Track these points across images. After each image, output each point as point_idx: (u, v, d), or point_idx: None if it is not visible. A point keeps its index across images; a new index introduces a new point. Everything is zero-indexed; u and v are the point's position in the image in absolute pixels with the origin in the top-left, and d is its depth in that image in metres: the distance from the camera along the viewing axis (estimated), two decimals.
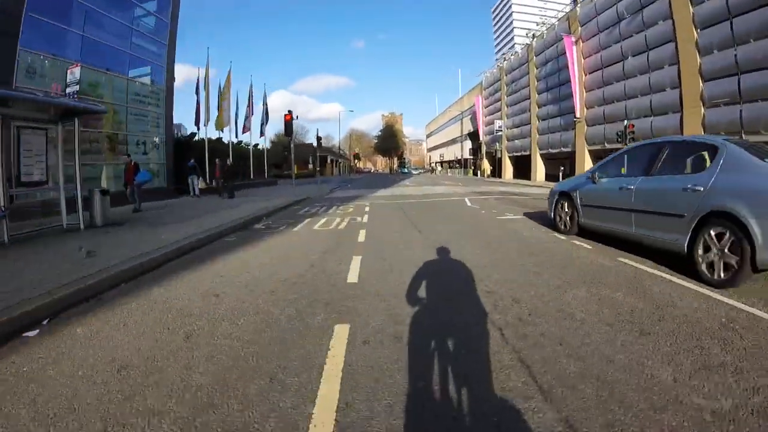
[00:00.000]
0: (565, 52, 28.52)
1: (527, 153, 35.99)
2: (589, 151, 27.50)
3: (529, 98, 35.25)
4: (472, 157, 55.19)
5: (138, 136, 16.68)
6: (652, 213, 5.30)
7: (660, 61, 21.12)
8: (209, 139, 23.54)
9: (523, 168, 41.62)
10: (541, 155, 34.19)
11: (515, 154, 38.89)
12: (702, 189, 4.51)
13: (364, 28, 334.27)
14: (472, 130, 52.36)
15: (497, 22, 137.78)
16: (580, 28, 27.60)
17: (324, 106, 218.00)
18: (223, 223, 8.76)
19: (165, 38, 18.57)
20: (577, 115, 27.74)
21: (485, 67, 48.30)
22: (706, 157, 4.80)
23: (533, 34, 35.65)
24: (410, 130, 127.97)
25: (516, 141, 38.20)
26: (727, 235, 4.15)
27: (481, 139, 48.07)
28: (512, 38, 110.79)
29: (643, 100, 22.16)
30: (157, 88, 17.94)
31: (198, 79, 24.31)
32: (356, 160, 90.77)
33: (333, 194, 19.71)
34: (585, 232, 6.97)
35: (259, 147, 31.18)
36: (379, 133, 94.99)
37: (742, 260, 3.93)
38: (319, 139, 24.26)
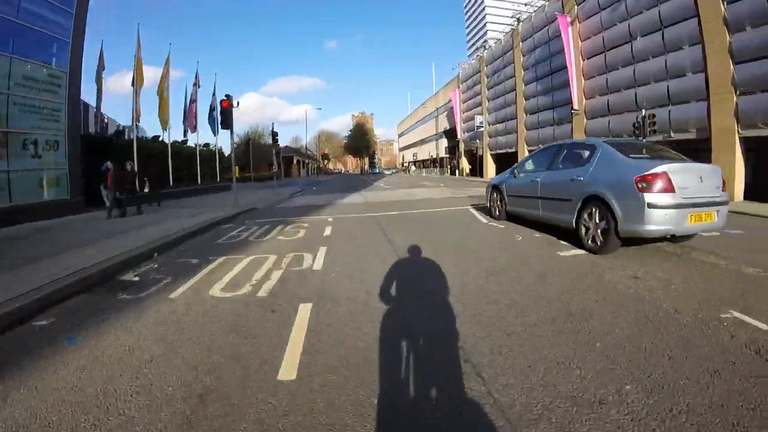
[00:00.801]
0: (558, 35, 25.10)
1: (513, 150, 32.47)
2: None
3: (515, 90, 31.73)
4: (448, 155, 51.58)
5: (27, 133, 11.82)
6: (551, 199, 6.71)
7: (678, 41, 17.73)
8: (141, 139, 18.64)
9: (507, 166, 38.16)
10: (530, 152, 30.68)
11: (498, 151, 35.38)
12: (583, 179, 5.92)
13: (337, 29, 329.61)
14: (448, 127, 48.72)
15: (469, 16, 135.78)
16: (576, 6, 24.13)
17: (295, 108, 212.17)
18: (60, 275, 4.67)
19: (72, 4, 13.60)
20: (575, 106, 24.30)
21: (459, 62, 44.92)
22: (588, 154, 6.20)
23: (518, 18, 32.22)
24: (381, 132, 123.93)
25: (500, 137, 34.65)
26: (599, 213, 5.52)
27: (458, 136, 44.44)
28: (485, 32, 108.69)
29: (658, 86, 18.74)
30: (57, 70, 12.94)
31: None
32: (325, 161, 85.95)
33: (289, 202, 15.64)
34: (512, 218, 8.36)
35: (210, 147, 26.22)
36: (349, 132, 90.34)
37: (609, 231, 5.33)
38: (275, 135, 19.70)
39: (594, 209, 5.55)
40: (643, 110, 16.77)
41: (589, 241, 5.62)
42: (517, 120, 31.44)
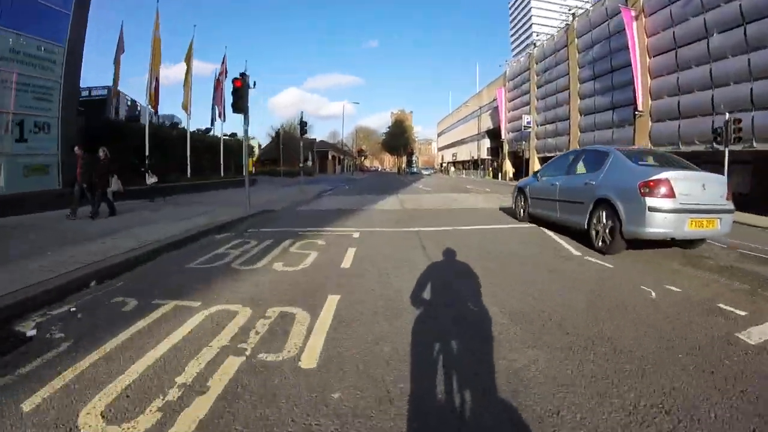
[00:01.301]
0: (620, 30, 22.94)
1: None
2: None
3: (568, 89, 29.57)
4: (490, 157, 49.62)
5: (12, 113, 10.32)
6: (567, 201, 7.14)
7: (763, 38, 15.64)
8: (153, 124, 17.99)
9: None
10: None
11: (546, 154, 33.32)
12: (594, 183, 6.37)
13: (377, 28, 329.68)
14: (492, 126, 46.69)
15: (514, 16, 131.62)
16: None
17: (334, 104, 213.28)
18: None
19: None
20: (639, 107, 22.23)
21: (506, 59, 43.03)
22: (601, 160, 6.60)
23: (573, 13, 30.19)
24: (419, 130, 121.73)
25: (548, 139, 32.56)
26: (606, 214, 5.92)
27: (503, 136, 42.47)
28: (531, 32, 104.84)
29: (740, 88, 16.45)
30: (53, 45, 11.27)
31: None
32: (362, 158, 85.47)
33: (314, 204, 13.96)
34: (534, 219, 8.71)
35: (239, 137, 25.77)
36: (387, 129, 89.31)
37: (615, 232, 5.69)
38: (303, 125, 18.55)
39: (602, 212, 6.00)
40: (726, 114, 14.82)
41: (600, 243, 6.03)
42: (569, 121, 29.33)
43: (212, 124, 21.46)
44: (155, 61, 16.15)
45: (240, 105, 10.40)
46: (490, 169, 47.63)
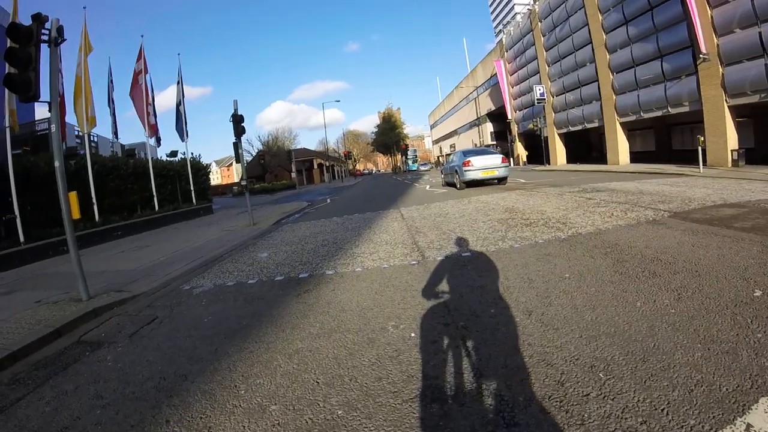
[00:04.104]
0: None
1: (596, 124, 24.26)
2: (733, 107, 15.93)
3: (590, 43, 23.39)
4: (494, 142, 43.53)
5: None
6: (449, 173, 18.19)
7: None
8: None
9: (582, 148, 29.97)
10: (623, 125, 22.51)
11: (571, 129, 27.24)
12: (454, 164, 16.92)
13: (354, 30, 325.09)
14: (493, 108, 40.53)
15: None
16: None
17: (321, 113, 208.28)
18: None
19: None
20: (703, 49, 16.20)
21: (504, 23, 36.78)
22: (456, 156, 17.80)
23: None
24: (411, 130, 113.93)
25: (572, 110, 26.36)
26: (458, 175, 16.05)
27: (509, 116, 36.40)
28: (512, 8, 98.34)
29: None
30: None
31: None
32: (349, 161, 79.10)
33: (237, 258, 7.45)
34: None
35: (182, 157, 19.61)
36: (376, 128, 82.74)
37: (459, 181, 16.02)
38: (237, 118, 12.13)
39: (456, 175, 16.13)
40: None
41: (458, 186, 16.07)
42: (598, 83, 23.20)
43: (116, 137, 15.27)
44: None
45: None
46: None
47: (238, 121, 11.69)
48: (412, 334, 3.10)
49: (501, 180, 15.71)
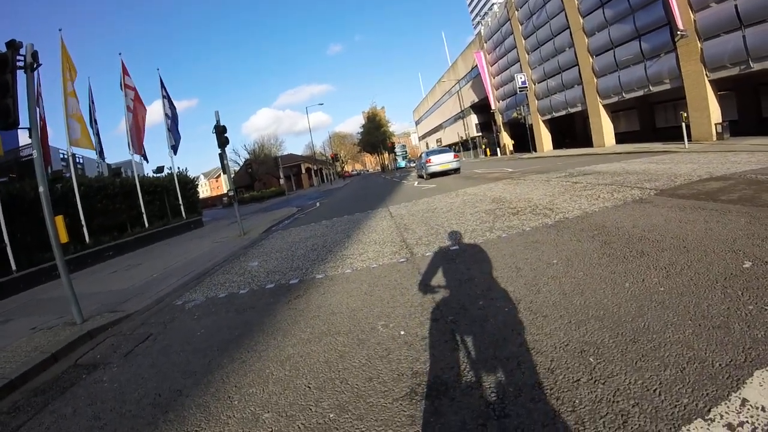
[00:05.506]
0: None
1: (580, 108, 24.41)
2: (714, 81, 16.07)
3: (568, 27, 23.53)
4: (480, 134, 43.68)
5: None
6: (420, 168, 24.45)
7: None
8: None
9: (568, 133, 30.08)
10: (606, 107, 22.69)
11: (555, 114, 27.36)
12: (422, 161, 22.78)
13: (336, 32, 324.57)
14: (476, 99, 40.65)
15: None
16: None
17: (309, 116, 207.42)
18: None
19: None
20: (680, 26, 16.35)
21: (482, 14, 36.92)
22: (424, 154, 24.12)
23: None
24: (398, 127, 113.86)
25: (554, 96, 26.51)
26: (424, 169, 21.99)
27: (493, 106, 36.52)
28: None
29: None
30: None
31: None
32: (341, 164, 78.99)
33: (222, 282, 7.42)
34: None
35: (169, 173, 19.36)
36: (361, 129, 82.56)
37: (425, 174, 21.96)
38: (220, 130, 11.90)
39: (423, 170, 22.16)
40: None
41: (425, 177, 21.60)
42: (578, 67, 23.28)
43: (100, 156, 15.07)
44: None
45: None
46: (485, 146, 41.54)
47: (221, 131, 11.57)
48: (402, 333, 3.08)
49: (456, 170, 20.49)
